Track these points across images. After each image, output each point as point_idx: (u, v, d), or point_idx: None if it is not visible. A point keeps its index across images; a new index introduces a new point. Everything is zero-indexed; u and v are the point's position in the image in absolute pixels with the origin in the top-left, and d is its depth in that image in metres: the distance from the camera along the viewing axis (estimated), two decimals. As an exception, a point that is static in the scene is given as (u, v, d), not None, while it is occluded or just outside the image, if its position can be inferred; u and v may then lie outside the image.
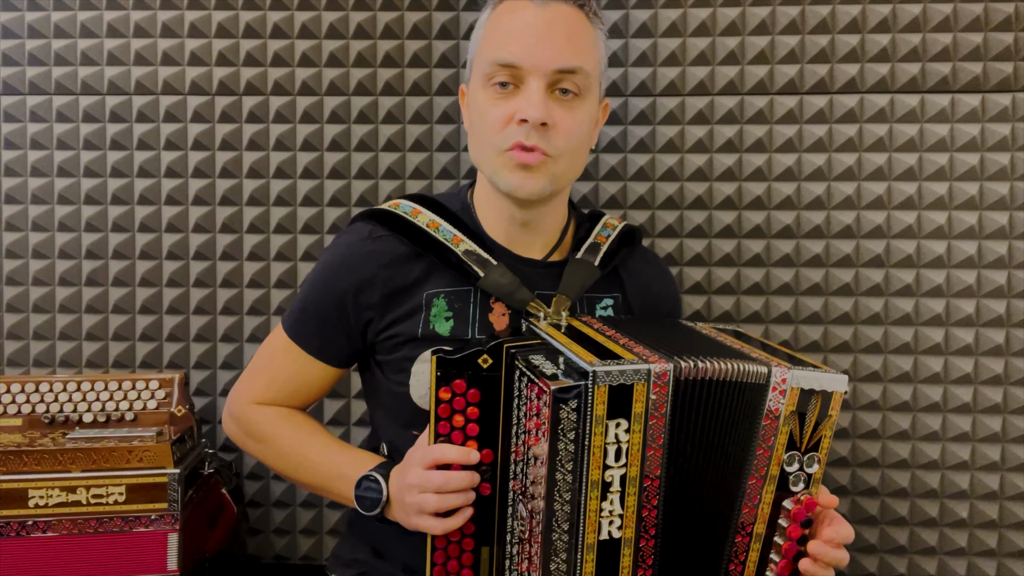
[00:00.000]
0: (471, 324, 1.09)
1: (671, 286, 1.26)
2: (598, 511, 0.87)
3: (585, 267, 1.12)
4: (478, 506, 0.94)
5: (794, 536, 0.93)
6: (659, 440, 0.89)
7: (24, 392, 1.45)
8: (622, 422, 0.86)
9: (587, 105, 1.07)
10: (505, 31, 1.05)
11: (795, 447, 0.93)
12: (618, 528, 0.88)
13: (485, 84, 1.06)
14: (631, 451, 0.87)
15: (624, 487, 0.87)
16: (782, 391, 0.91)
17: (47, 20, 1.62)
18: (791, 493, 0.94)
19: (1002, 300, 1.53)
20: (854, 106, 1.54)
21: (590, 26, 1.07)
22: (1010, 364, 1.53)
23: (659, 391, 0.88)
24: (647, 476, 0.89)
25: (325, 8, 1.59)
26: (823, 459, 0.94)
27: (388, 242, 1.11)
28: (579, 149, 1.08)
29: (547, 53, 1.02)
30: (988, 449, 1.53)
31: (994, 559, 1.54)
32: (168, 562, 1.31)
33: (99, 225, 1.64)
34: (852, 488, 1.56)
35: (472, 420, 0.94)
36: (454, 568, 0.96)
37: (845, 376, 0.93)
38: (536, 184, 1.05)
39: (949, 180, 1.53)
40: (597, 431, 0.85)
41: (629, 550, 0.89)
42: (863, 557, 1.57)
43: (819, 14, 1.54)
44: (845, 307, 1.55)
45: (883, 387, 1.55)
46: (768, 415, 0.92)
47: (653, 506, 0.90)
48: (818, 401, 0.92)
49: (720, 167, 1.57)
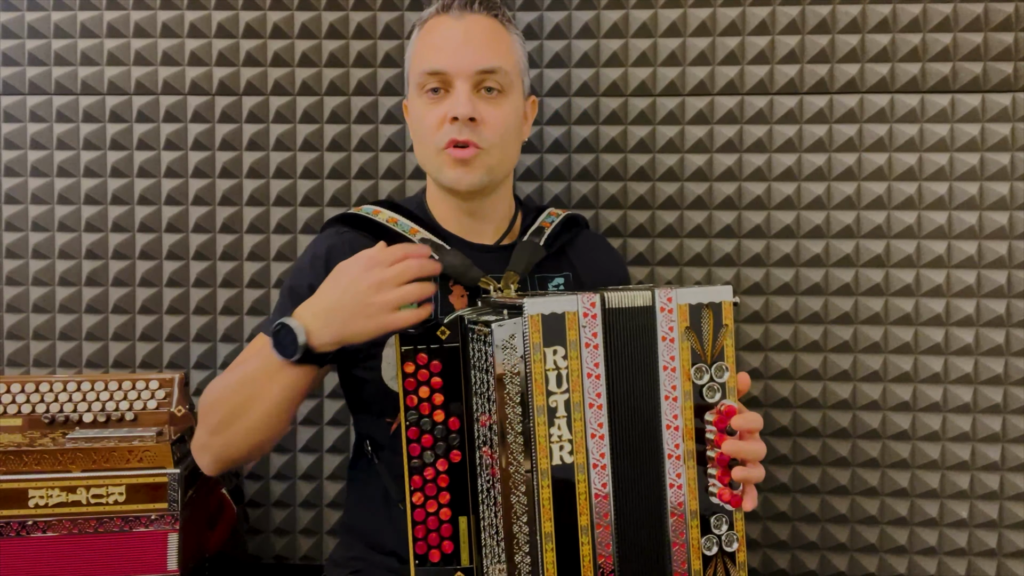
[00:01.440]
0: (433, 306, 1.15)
1: (619, 262, 1.38)
2: (548, 436, 0.92)
3: (531, 246, 1.22)
4: (451, 474, 0.99)
5: (720, 444, 0.97)
6: (596, 366, 0.95)
7: (24, 392, 1.45)
8: (559, 349, 0.93)
9: (511, 100, 1.18)
10: (431, 44, 1.18)
11: (700, 360, 0.98)
12: (569, 453, 0.93)
13: (420, 93, 1.18)
14: (571, 377, 0.94)
15: (570, 412, 0.93)
16: (670, 309, 0.98)
17: (47, 20, 1.62)
18: (711, 405, 0.98)
19: (1002, 300, 1.53)
20: (854, 106, 1.54)
21: (505, 31, 1.20)
22: (1010, 364, 1.53)
23: (590, 319, 0.95)
24: (590, 402, 0.94)
25: (325, 8, 1.60)
26: (731, 367, 0.99)
27: (353, 238, 1.20)
28: (509, 140, 1.19)
29: (469, 57, 1.15)
30: (988, 449, 1.53)
31: (994, 559, 1.54)
32: (168, 562, 1.31)
33: (99, 225, 1.64)
34: (852, 488, 1.56)
35: (436, 390, 0.99)
36: (435, 540, 0.99)
37: (729, 287, 0.99)
38: (474, 176, 1.16)
39: (949, 180, 1.53)
40: (536, 358, 0.92)
41: (583, 476, 0.94)
42: (863, 557, 1.57)
43: (819, 14, 1.54)
44: (845, 307, 1.55)
45: (883, 387, 1.55)
46: (664, 333, 0.98)
47: (600, 430, 0.95)
48: (710, 314, 0.98)
49: (720, 167, 1.57)
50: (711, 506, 0.98)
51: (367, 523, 1.20)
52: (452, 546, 0.99)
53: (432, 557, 0.99)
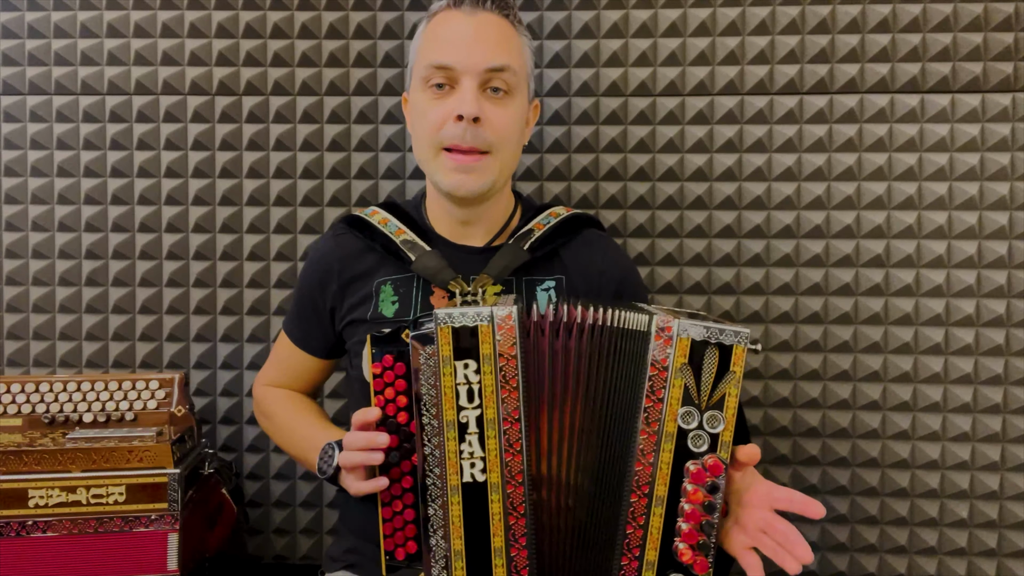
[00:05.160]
0: (413, 307, 1.19)
1: (616, 261, 1.27)
2: (458, 452, 0.90)
3: (512, 250, 1.19)
4: (413, 475, 0.99)
5: (696, 500, 0.90)
6: (513, 383, 0.91)
7: (24, 392, 1.45)
8: (470, 363, 0.90)
9: (517, 102, 1.16)
10: (440, 38, 1.15)
11: (691, 402, 0.89)
12: (481, 471, 0.91)
13: (424, 87, 1.15)
14: (484, 392, 0.90)
15: (482, 429, 0.90)
16: (667, 340, 0.89)
17: (47, 20, 1.62)
18: (695, 455, 0.90)
19: (1002, 300, 1.53)
20: (854, 106, 1.54)
21: (515, 32, 1.18)
22: (1010, 364, 1.53)
23: (505, 332, 0.91)
24: (505, 419, 0.91)
25: (325, 8, 1.59)
26: (730, 419, 0.89)
27: (346, 238, 1.25)
28: (512, 143, 1.17)
29: (478, 54, 1.12)
30: (988, 449, 1.53)
31: (994, 559, 1.54)
32: (168, 562, 1.31)
33: (99, 225, 1.64)
34: (852, 488, 1.56)
35: (401, 392, 0.99)
36: (400, 539, 1.00)
37: (747, 330, 0.89)
38: (476, 183, 1.14)
39: (949, 180, 1.53)
40: (446, 371, 0.90)
41: (497, 495, 0.91)
42: (863, 557, 1.57)
43: (819, 14, 1.54)
44: (845, 307, 1.55)
45: (883, 387, 1.55)
46: (654, 364, 0.90)
47: (517, 450, 0.91)
48: (715, 355, 0.89)
49: (720, 167, 1.57)
50: (672, 562, 0.91)
51: (359, 517, 1.22)
52: (416, 546, 0.99)
53: (398, 555, 1.00)
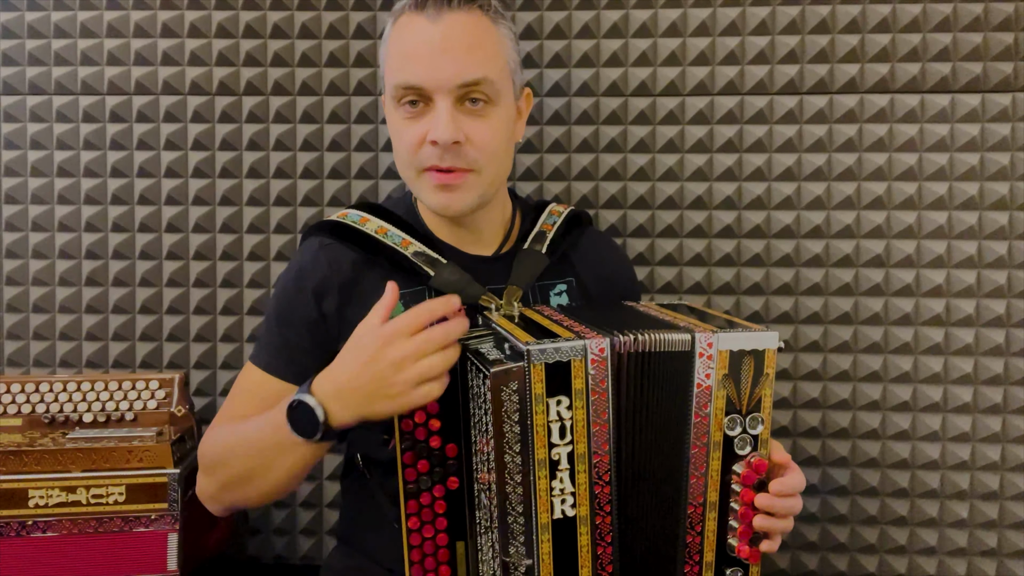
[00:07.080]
0: None
1: (623, 262, 1.28)
2: (548, 490, 0.88)
3: (533, 256, 1.13)
4: (449, 501, 0.95)
5: (747, 500, 0.94)
6: (604, 416, 0.90)
7: (24, 392, 1.45)
8: (563, 399, 0.88)
9: (501, 109, 1.06)
10: (404, 51, 1.03)
11: (735, 410, 0.93)
12: (571, 506, 0.89)
13: (396, 105, 1.05)
14: (576, 428, 0.89)
15: (573, 464, 0.89)
16: (710, 355, 0.92)
17: (47, 20, 1.62)
18: (739, 457, 0.94)
19: (1002, 300, 1.52)
20: (854, 106, 1.54)
21: (492, 27, 1.05)
22: (1010, 364, 1.53)
23: (598, 366, 0.89)
24: (595, 452, 0.90)
25: (325, 8, 1.59)
26: (767, 419, 0.93)
27: (339, 250, 1.11)
28: (500, 154, 1.08)
29: (448, 70, 1.00)
30: (988, 449, 1.53)
31: (994, 559, 1.54)
32: (168, 562, 1.31)
33: (99, 225, 1.64)
34: (852, 488, 1.56)
35: (433, 415, 0.94)
36: (431, 565, 0.96)
37: (775, 333, 0.93)
38: (463, 201, 1.06)
39: (949, 180, 1.53)
40: (538, 410, 0.87)
41: (586, 528, 0.90)
42: (863, 557, 1.57)
43: (819, 14, 1.54)
44: (845, 307, 1.55)
45: (883, 387, 1.55)
46: (700, 381, 0.92)
47: (605, 482, 0.91)
48: (751, 361, 0.93)
49: (720, 167, 1.57)
50: (728, 559, 0.96)
51: (364, 537, 1.16)
52: (449, 571, 0.96)
53: None
